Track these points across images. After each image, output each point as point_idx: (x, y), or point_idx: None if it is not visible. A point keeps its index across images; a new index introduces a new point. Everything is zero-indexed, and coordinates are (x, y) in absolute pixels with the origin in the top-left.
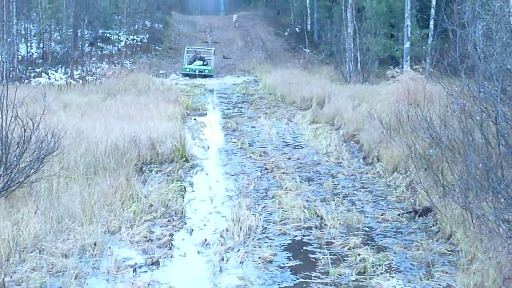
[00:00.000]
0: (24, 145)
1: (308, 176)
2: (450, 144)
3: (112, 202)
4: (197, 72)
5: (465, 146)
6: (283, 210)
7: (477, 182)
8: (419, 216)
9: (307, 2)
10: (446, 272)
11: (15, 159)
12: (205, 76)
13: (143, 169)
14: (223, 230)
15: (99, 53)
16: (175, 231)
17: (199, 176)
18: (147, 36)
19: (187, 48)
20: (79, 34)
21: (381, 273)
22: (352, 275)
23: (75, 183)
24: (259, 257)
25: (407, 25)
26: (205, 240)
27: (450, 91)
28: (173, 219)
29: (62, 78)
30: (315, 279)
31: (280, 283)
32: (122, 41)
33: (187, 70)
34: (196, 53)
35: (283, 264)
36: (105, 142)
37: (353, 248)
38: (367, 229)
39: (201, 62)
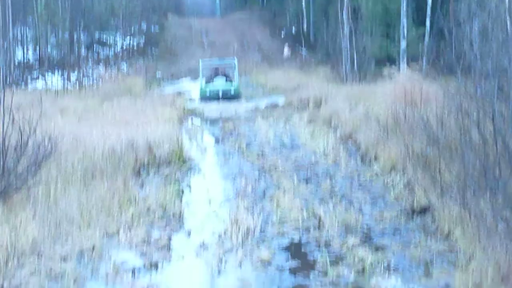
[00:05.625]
0: (21, 150)
1: (305, 176)
2: (447, 143)
3: (110, 206)
4: (220, 94)
5: (462, 145)
6: (281, 211)
7: (475, 180)
8: (417, 215)
9: (303, 3)
10: (445, 271)
11: (12, 164)
12: (230, 99)
13: (141, 172)
14: (221, 232)
15: (96, 57)
16: (173, 234)
17: (197, 178)
18: (143, 39)
19: (202, 63)
20: (75, 38)
21: (379, 273)
22: (350, 275)
23: (72, 188)
24: (258, 259)
25: (403, 24)
26: (203, 242)
27: (447, 90)
28: (171, 222)
29: (58, 83)
30: (314, 280)
31: (279, 284)
32: (118, 44)
33: (207, 93)
34: (216, 67)
35: (282, 265)
36: (102, 146)
37: (352, 248)
38: (365, 229)
39: (223, 80)
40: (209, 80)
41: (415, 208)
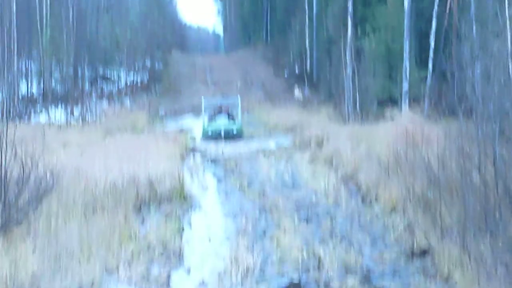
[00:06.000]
0: (22, 184)
1: (306, 216)
2: (448, 185)
3: (110, 241)
4: (222, 133)
5: (463, 187)
6: (281, 251)
7: (475, 223)
8: (417, 257)
9: (307, 42)
10: None
11: (13, 197)
12: (233, 137)
13: (142, 208)
14: (221, 270)
15: (99, 92)
16: (173, 271)
17: (197, 216)
18: (147, 75)
19: (205, 101)
20: (79, 73)
21: None
22: None
23: (73, 221)
24: None
25: (406, 66)
26: (203, 280)
27: (448, 132)
28: (171, 259)
29: (62, 117)
30: None
31: None
32: (122, 80)
33: (209, 133)
34: (219, 105)
35: None
36: (104, 181)
37: None
38: (365, 270)
39: (226, 119)
40: (211, 118)
41: (415, 250)
